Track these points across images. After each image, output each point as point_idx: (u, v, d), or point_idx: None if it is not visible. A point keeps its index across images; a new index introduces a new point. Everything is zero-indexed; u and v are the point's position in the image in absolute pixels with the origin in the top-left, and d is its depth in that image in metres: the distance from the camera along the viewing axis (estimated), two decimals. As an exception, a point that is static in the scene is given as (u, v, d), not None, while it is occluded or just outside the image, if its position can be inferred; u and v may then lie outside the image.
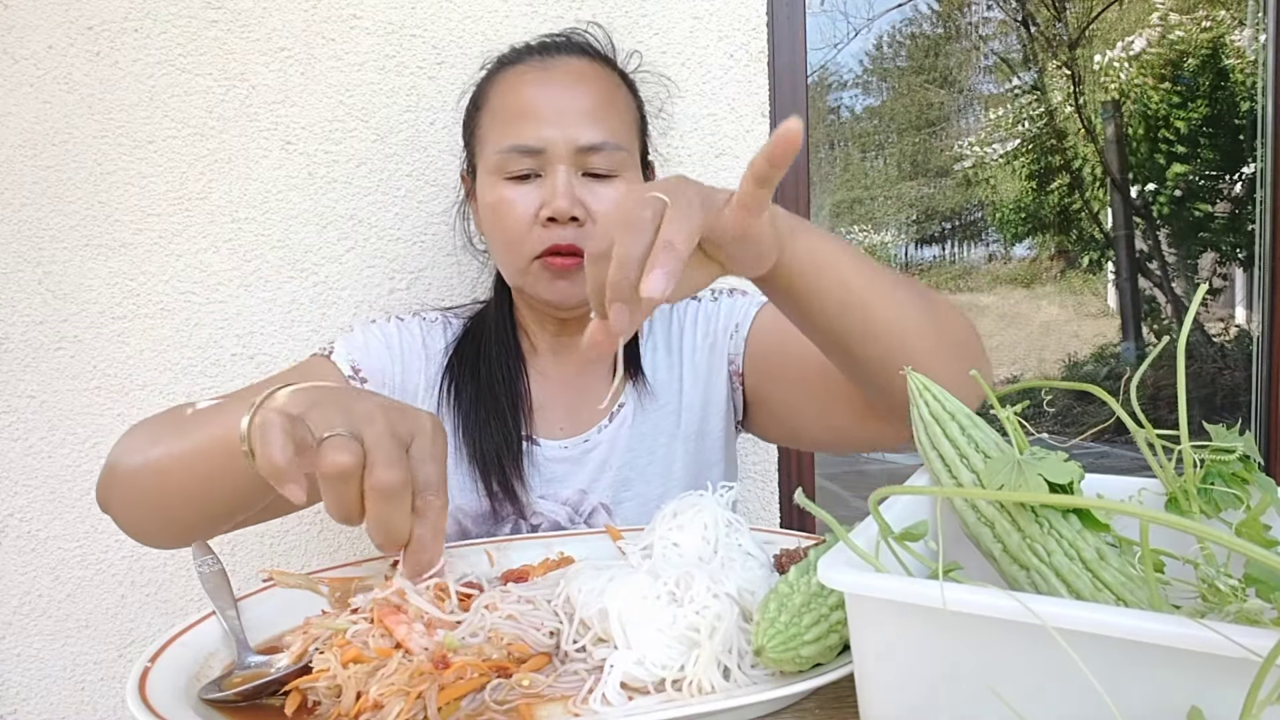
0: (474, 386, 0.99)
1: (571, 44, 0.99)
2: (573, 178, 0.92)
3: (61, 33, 1.18)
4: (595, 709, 0.52)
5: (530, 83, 0.94)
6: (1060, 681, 0.37)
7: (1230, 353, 5.05)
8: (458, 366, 1.02)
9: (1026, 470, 0.45)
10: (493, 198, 0.94)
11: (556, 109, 0.92)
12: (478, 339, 1.03)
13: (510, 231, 0.93)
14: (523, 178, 0.93)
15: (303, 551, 1.27)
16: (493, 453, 0.96)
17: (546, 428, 1.01)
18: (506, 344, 1.02)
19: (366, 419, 0.57)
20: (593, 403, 1.03)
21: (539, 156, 0.91)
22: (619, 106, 0.97)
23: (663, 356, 1.05)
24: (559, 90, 0.93)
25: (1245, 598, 0.40)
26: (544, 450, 0.99)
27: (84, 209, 1.21)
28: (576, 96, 0.93)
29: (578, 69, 0.96)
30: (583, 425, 1.02)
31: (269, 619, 0.64)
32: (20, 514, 1.24)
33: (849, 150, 5.45)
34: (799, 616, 0.52)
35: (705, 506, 0.67)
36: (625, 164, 0.95)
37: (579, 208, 0.91)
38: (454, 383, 1.01)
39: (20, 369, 1.22)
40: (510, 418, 0.98)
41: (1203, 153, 5.25)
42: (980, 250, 6.45)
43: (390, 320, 1.04)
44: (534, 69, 0.96)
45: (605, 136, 0.92)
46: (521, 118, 0.92)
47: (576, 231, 0.92)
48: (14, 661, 1.25)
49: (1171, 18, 4.91)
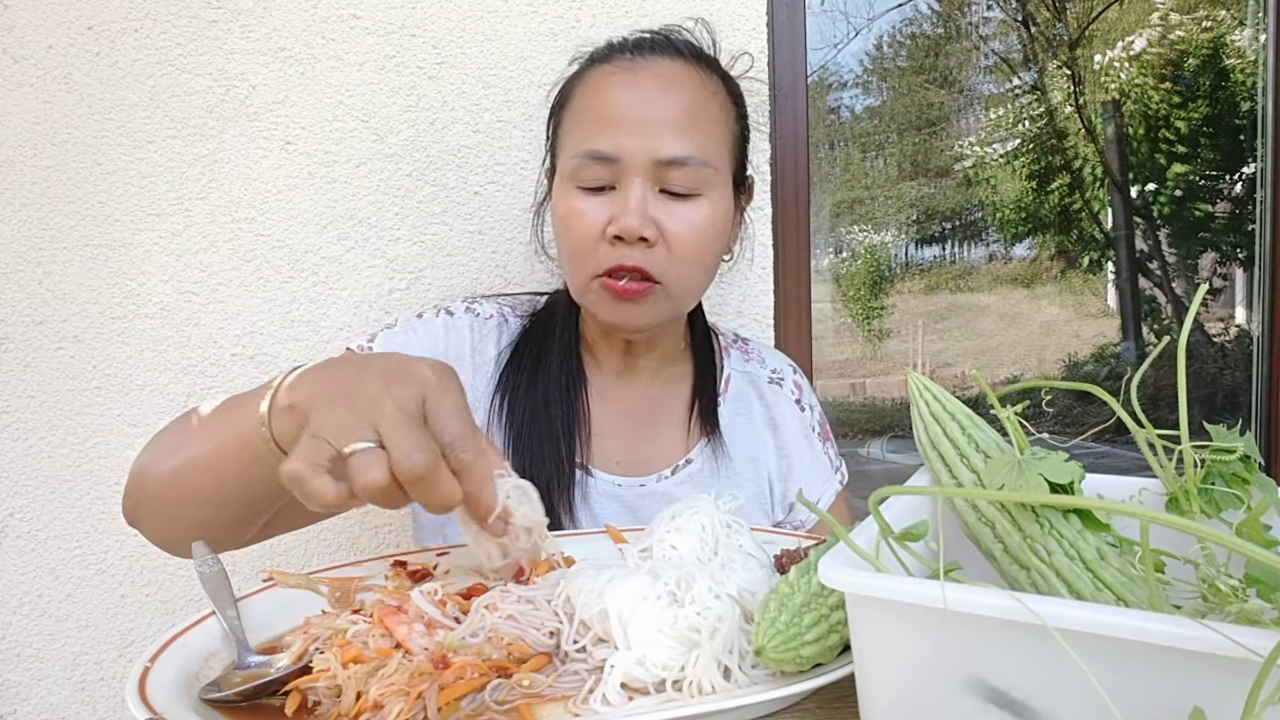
0: (529, 404, 0.92)
1: (666, 43, 0.91)
2: (648, 193, 0.85)
3: (61, 33, 1.18)
4: (595, 709, 0.52)
5: (615, 84, 0.87)
6: (1060, 681, 0.37)
7: (1230, 353, 5.05)
8: (512, 377, 0.94)
9: (1027, 470, 0.45)
10: (563, 206, 0.88)
11: (639, 116, 0.84)
12: (538, 347, 0.96)
13: (577, 245, 0.87)
14: (597, 189, 0.86)
15: (303, 551, 1.27)
16: (543, 481, 0.89)
17: (602, 458, 0.95)
18: (569, 359, 0.95)
19: (374, 405, 0.56)
20: (655, 438, 0.98)
21: (614, 166, 0.85)
22: (711, 117, 0.89)
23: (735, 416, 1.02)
24: (644, 95, 0.86)
25: (1246, 598, 0.40)
26: (597, 483, 0.94)
27: (84, 209, 1.21)
28: (663, 103, 0.85)
29: (669, 72, 0.88)
30: (640, 463, 0.96)
31: (269, 619, 0.64)
32: (20, 514, 1.24)
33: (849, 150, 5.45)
34: (799, 616, 0.52)
35: (702, 509, 0.67)
36: (710, 181, 0.87)
37: (650, 227, 0.84)
38: (507, 398, 0.93)
39: (20, 369, 1.22)
40: (565, 444, 0.91)
41: (1203, 153, 5.24)
42: (980, 250, 6.44)
43: (439, 315, 0.97)
44: (621, 69, 0.88)
45: (689, 150, 0.85)
46: (601, 122, 0.85)
47: (645, 253, 0.85)
48: (14, 661, 1.25)
49: (1171, 18, 4.91)
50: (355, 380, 0.59)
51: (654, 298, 0.88)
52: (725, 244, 0.94)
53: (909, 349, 5.99)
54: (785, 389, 1.06)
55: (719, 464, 0.98)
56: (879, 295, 6.01)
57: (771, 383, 1.06)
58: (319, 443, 0.55)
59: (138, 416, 1.24)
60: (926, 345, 5.82)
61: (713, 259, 0.92)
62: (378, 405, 0.56)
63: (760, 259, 1.30)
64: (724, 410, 1.01)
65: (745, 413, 1.03)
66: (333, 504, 0.54)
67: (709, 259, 0.91)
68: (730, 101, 0.93)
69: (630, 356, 0.98)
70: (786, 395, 1.06)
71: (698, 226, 0.87)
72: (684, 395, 1.01)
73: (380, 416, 0.56)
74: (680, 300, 0.91)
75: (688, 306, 0.96)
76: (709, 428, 0.98)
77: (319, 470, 0.54)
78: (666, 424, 1.00)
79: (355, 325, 1.25)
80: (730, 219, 0.93)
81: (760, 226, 1.30)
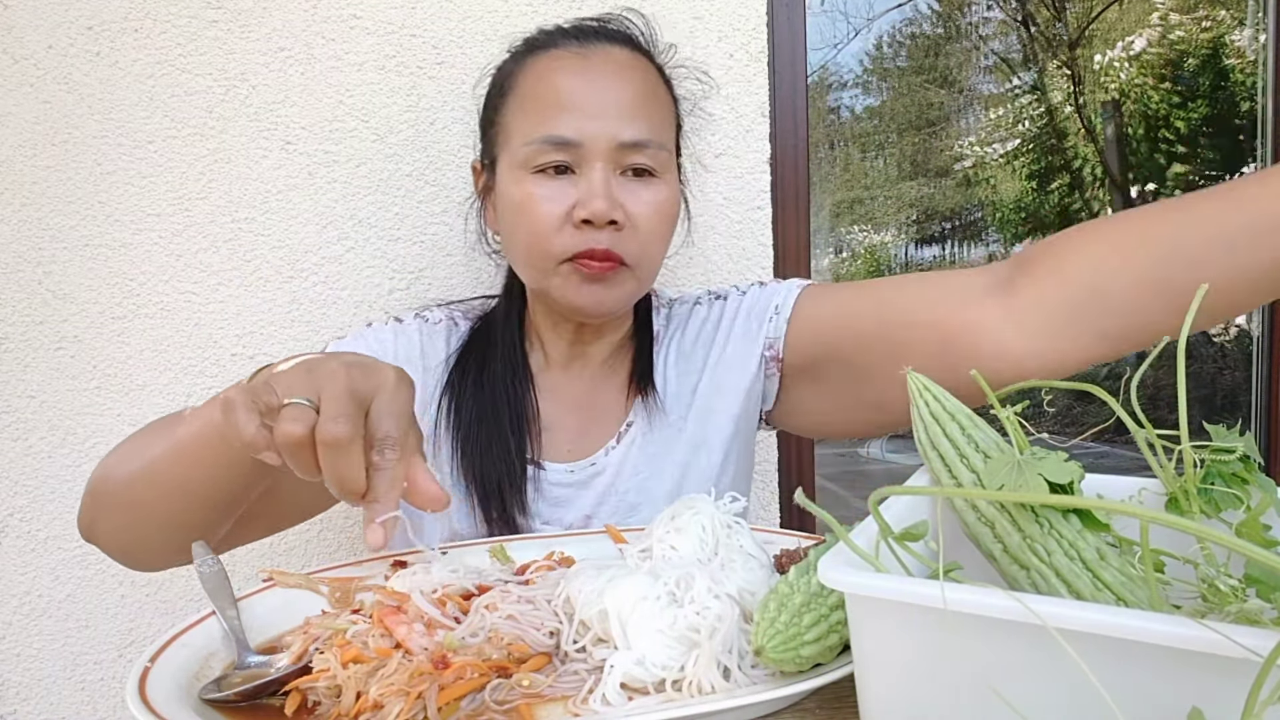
0: (475, 406, 0.93)
1: (612, 32, 0.92)
2: (611, 177, 0.85)
3: (61, 33, 1.18)
4: (595, 709, 0.52)
5: (568, 70, 0.87)
6: (1060, 681, 0.37)
7: (1230, 353, 5.06)
8: (458, 382, 0.95)
9: (1026, 470, 0.45)
10: (519, 193, 0.86)
11: (597, 101, 0.85)
12: (482, 350, 0.97)
13: (538, 231, 0.86)
14: (554, 172, 0.85)
15: (303, 551, 1.27)
16: (494, 481, 0.90)
17: (553, 450, 0.95)
18: (513, 359, 0.95)
19: (328, 377, 0.60)
20: (603, 421, 0.97)
21: (574, 150, 0.84)
22: (660, 102, 0.90)
23: (674, 363, 1.00)
24: (600, 80, 0.86)
25: (1245, 598, 0.40)
26: (549, 475, 0.94)
27: (84, 209, 1.21)
28: (619, 88, 0.86)
29: (619, 59, 0.89)
30: (591, 447, 0.96)
31: (269, 619, 0.64)
32: (20, 514, 1.24)
33: (849, 150, 5.44)
34: (799, 616, 0.52)
35: (702, 509, 0.67)
36: (667, 164, 0.89)
37: (618, 210, 0.84)
38: (454, 401, 0.94)
39: (20, 369, 1.22)
40: (514, 442, 0.92)
41: (1203, 153, 5.25)
42: (980, 250, 6.45)
43: (388, 323, 0.99)
44: (572, 55, 0.88)
45: (648, 134, 0.86)
46: (557, 107, 0.85)
47: (613, 235, 0.85)
48: (14, 661, 1.25)
49: (1171, 18, 4.91)
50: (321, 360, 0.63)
51: (621, 278, 0.88)
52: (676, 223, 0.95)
53: (909, 349, 5.94)
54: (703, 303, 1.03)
55: (652, 419, 0.96)
56: (879, 295, 5.98)
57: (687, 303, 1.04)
58: (265, 388, 0.59)
59: (138, 416, 1.24)
60: (926, 345, 5.77)
61: (670, 237, 0.93)
62: (330, 378, 0.60)
63: (760, 259, 1.30)
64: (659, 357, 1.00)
65: (674, 351, 1.01)
66: (248, 440, 0.57)
67: (669, 237, 0.93)
68: (668, 88, 0.94)
69: (578, 345, 0.97)
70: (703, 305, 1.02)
71: (659, 207, 0.88)
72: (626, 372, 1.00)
73: (327, 385, 0.59)
74: (644, 281, 0.92)
75: (648, 287, 0.95)
76: (643, 387, 0.97)
77: (251, 406, 0.57)
78: (613, 398, 0.99)
79: (355, 325, 1.25)
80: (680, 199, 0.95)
81: (760, 226, 1.30)
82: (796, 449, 1.39)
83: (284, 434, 0.57)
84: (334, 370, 0.60)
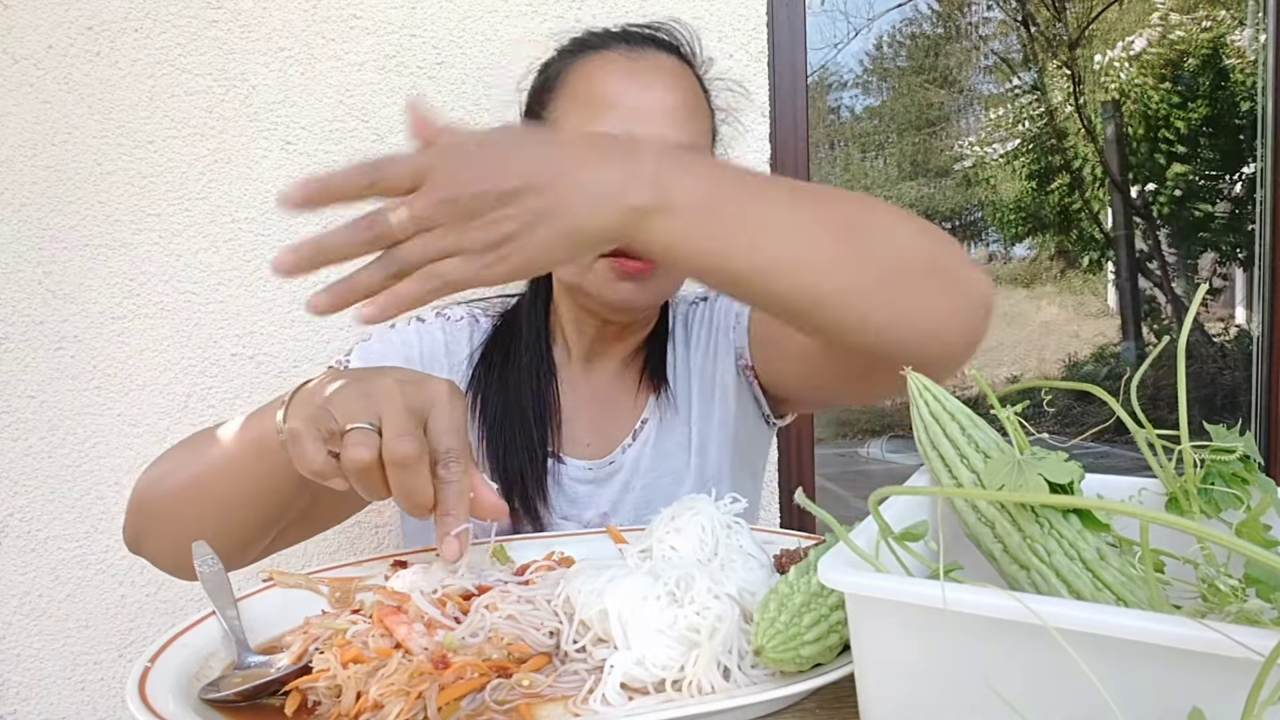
0: (501, 398, 0.95)
1: (660, 40, 0.93)
2: None
3: (61, 33, 1.18)
4: (595, 709, 0.52)
5: (619, 71, 0.88)
6: (1061, 681, 0.37)
7: (1230, 353, 5.06)
8: (484, 375, 0.97)
9: (1027, 470, 0.45)
10: None
11: (646, 103, 0.86)
12: (507, 344, 0.98)
13: None
14: None
15: (303, 551, 1.27)
16: (516, 470, 0.92)
17: (573, 444, 0.97)
18: (539, 351, 0.97)
19: (385, 397, 0.60)
20: (620, 418, 0.98)
21: None
22: (702, 110, 0.92)
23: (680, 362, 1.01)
24: (649, 84, 0.87)
25: (1245, 598, 0.40)
26: (569, 470, 0.95)
27: (84, 209, 1.21)
28: (665, 94, 0.87)
29: (667, 66, 0.90)
30: (610, 443, 0.98)
31: (269, 619, 0.64)
32: (20, 514, 1.24)
33: (849, 150, 5.44)
34: (799, 616, 0.52)
35: (702, 509, 0.67)
36: None
37: None
38: (480, 394, 0.96)
39: (20, 369, 1.22)
40: (537, 433, 0.93)
41: (1203, 153, 5.25)
42: (980, 250, 6.45)
43: (410, 323, 1.00)
44: (622, 57, 0.89)
45: (693, 139, 0.88)
46: (607, 107, 0.86)
47: None
48: (14, 661, 1.25)
49: (1171, 18, 4.91)
50: (372, 376, 0.63)
51: (656, 278, 0.89)
52: None
53: (909, 349, 5.93)
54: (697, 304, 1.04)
55: (664, 416, 0.98)
56: (879, 295, 5.98)
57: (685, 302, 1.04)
58: (325, 414, 0.59)
59: (138, 416, 1.24)
60: (926, 345, 5.76)
61: None
62: (387, 398, 0.60)
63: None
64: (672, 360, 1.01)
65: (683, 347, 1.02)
66: (317, 470, 0.58)
67: None
68: (708, 100, 0.96)
69: (601, 341, 0.98)
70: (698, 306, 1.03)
71: None
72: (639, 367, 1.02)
73: (385, 406, 0.60)
74: (676, 282, 0.94)
75: (677, 289, 0.98)
76: (656, 384, 0.99)
77: (316, 435, 0.58)
78: (630, 395, 1.00)
79: (355, 325, 1.25)
80: None
81: (760, 226, 1.30)
82: (796, 449, 1.39)
83: (352, 460, 0.57)
84: (389, 389, 0.61)
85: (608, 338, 0.98)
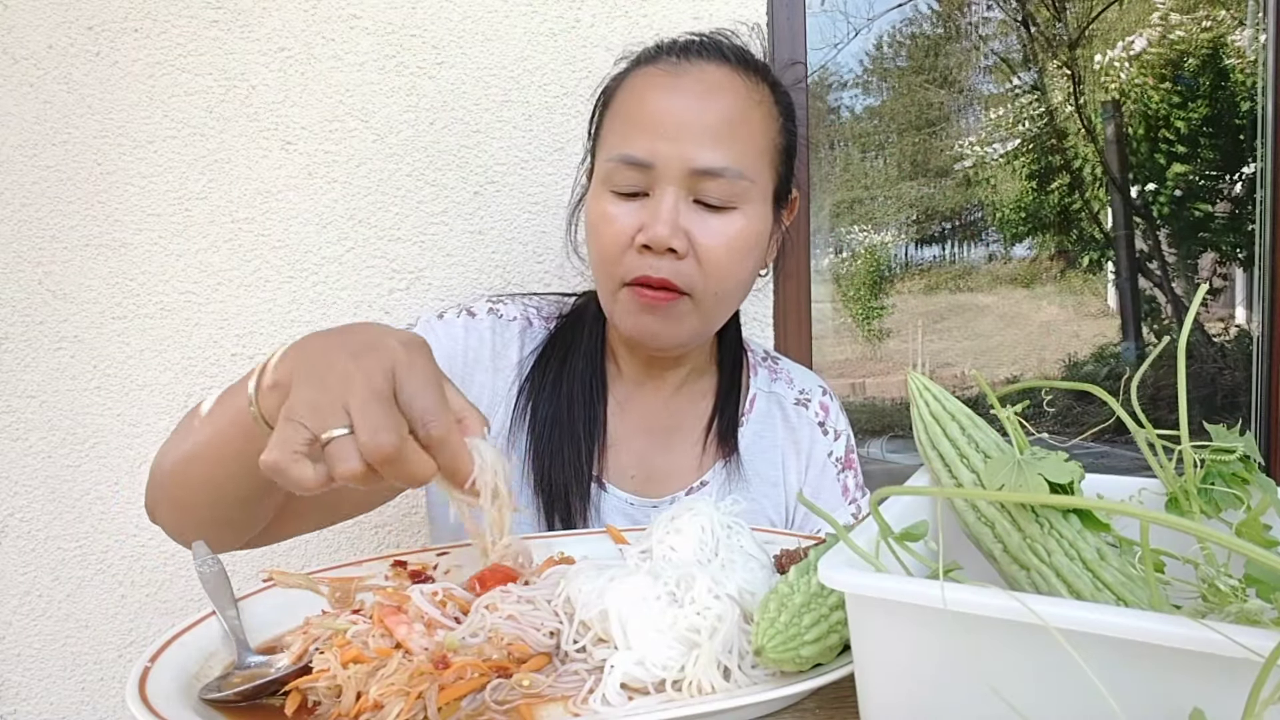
0: (552, 408, 0.91)
1: (713, 47, 0.88)
2: (681, 202, 0.82)
3: (61, 33, 1.18)
4: (595, 709, 0.52)
5: (656, 88, 0.84)
6: (1060, 681, 0.37)
7: (1230, 353, 5.06)
8: (537, 378, 0.92)
9: (1027, 470, 0.45)
10: (595, 211, 0.85)
11: (677, 122, 0.81)
12: (565, 349, 0.94)
13: (605, 251, 0.84)
14: (630, 194, 0.83)
15: (303, 552, 1.27)
16: (561, 487, 0.88)
17: (617, 472, 0.93)
18: (595, 361, 0.93)
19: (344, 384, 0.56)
20: (671, 453, 0.94)
21: (648, 173, 0.82)
22: (753, 127, 0.85)
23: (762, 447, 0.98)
24: (685, 101, 0.82)
25: (1245, 598, 0.40)
26: (609, 498, 0.92)
27: (84, 209, 1.21)
28: (703, 110, 0.82)
29: (712, 78, 0.84)
30: (656, 485, 0.93)
31: (269, 619, 0.64)
32: (20, 514, 1.24)
33: (849, 150, 5.44)
34: (799, 616, 0.52)
35: (702, 510, 0.67)
36: (746, 195, 0.84)
37: (680, 238, 0.81)
38: (530, 401, 0.92)
39: (20, 369, 1.22)
40: (585, 449, 0.89)
41: (1203, 153, 5.25)
42: (980, 250, 6.44)
43: (460, 315, 0.95)
44: (664, 73, 0.85)
45: (726, 161, 0.82)
46: (638, 127, 0.83)
47: (674, 265, 0.82)
48: (14, 661, 1.25)
49: (1172, 18, 4.91)
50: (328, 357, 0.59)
51: (680, 311, 0.85)
52: (760, 259, 0.90)
53: (909, 349, 5.98)
54: (810, 410, 1.02)
55: (733, 488, 0.95)
56: (879, 295, 6.00)
57: (797, 404, 1.02)
58: (295, 427, 0.55)
59: (138, 416, 1.24)
60: (926, 345, 5.81)
61: (746, 274, 0.88)
62: (347, 383, 0.56)
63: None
64: (745, 431, 0.98)
65: (769, 434, 0.99)
66: (314, 489, 0.55)
67: (742, 274, 0.88)
68: (777, 112, 0.89)
69: (654, 367, 0.95)
70: (811, 418, 1.02)
71: (730, 240, 0.84)
72: (705, 411, 0.98)
73: (350, 395, 0.56)
74: (709, 317, 0.89)
75: (717, 324, 0.92)
76: (727, 449, 0.95)
77: (297, 457, 0.55)
78: (684, 440, 0.96)
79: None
80: (767, 234, 0.89)
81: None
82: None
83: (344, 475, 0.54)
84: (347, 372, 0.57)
85: (662, 364, 0.95)
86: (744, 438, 0.97)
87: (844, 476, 1.03)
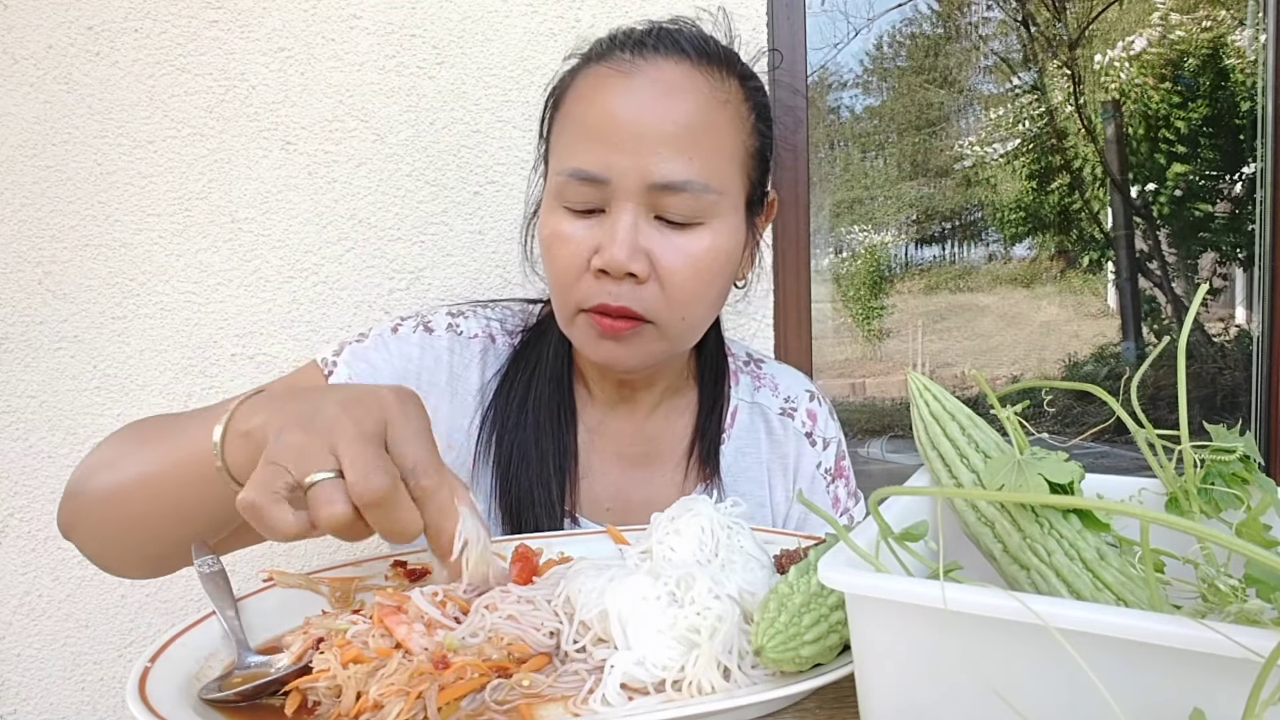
0: (517, 440, 0.83)
1: (671, 41, 0.77)
2: (640, 221, 0.73)
3: (61, 33, 1.18)
4: (595, 709, 0.52)
5: (608, 90, 0.75)
6: (1060, 681, 0.37)
7: (1230, 353, 5.06)
8: (501, 408, 0.85)
9: (1027, 470, 0.45)
10: (548, 228, 0.77)
11: (632, 130, 0.72)
12: (530, 371, 0.86)
13: (560, 273, 0.76)
14: (585, 211, 0.75)
15: (303, 551, 1.27)
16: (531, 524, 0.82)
17: (591, 505, 0.86)
18: (562, 385, 0.85)
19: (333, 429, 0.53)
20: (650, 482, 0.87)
21: (603, 188, 0.73)
22: (719, 131, 0.76)
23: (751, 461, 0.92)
24: (640, 104, 0.73)
25: (1246, 598, 0.40)
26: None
27: (84, 209, 1.21)
28: (661, 116, 0.72)
29: (671, 77, 0.74)
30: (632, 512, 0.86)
31: (269, 619, 0.64)
32: (20, 514, 1.24)
33: (849, 150, 5.45)
34: (799, 616, 0.52)
35: (702, 511, 0.67)
36: (715, 208, 0.75)
37: (640, 261, 0.73)
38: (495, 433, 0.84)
39: (20, 369, 1.22)
40: (556, 484, 0.83)
41: (1203, 153, 5.25)
42: (980, 250, 6.44)
43: (416, 331, 0.86)
44: (616, 72, 0.75)
45: (689, 174, 0.73)
46: (589, 136, 0.74)
47: (634, 290, 0.74)
48: (14, 661, 1.25)
49: (1172, 18, 4.91)
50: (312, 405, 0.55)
51: (643, 338, 0.78)
52: (732, 274, 0.83)
53: (909, 349, 5.98)
54: (797, 420, 0.96)
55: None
56: (879, 295, 6.01)
57: (783, 414, 0.96)
58: (276, 470, 0.52)
59: (137, 417, 1.23)
60: (926, 345, 5.82)
61: (716, 294, 0.81)
62: (335, 426, 0.53)
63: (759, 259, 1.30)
64: (727, 449, 0.91)
65: (752, 451, 0.93)
66: (293, 536, 0.51)
67: (711, 294, 0.80)
68: (747, 109, 0.80)
69: (626, 388, 0.88)
70: (797, 429, 0.96)
71: (696, 260, 0.76)
72: (684, 431, 0.91)
73: (338, 437, 0.52)
74: (676, 340, 0.81)
75: (686, 346, 0.85)
76: (709, 471, 0.88)
77: (277, 499, 0.51)
78: (663, 466, 0.89)
79: (355, 325, 1.25)
80: (740, 247, 0.82)
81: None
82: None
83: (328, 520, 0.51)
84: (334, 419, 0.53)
85: (634, 384, 0.88)
86: (725, 456, 0.91)
87: (834, 487, 0.98)
